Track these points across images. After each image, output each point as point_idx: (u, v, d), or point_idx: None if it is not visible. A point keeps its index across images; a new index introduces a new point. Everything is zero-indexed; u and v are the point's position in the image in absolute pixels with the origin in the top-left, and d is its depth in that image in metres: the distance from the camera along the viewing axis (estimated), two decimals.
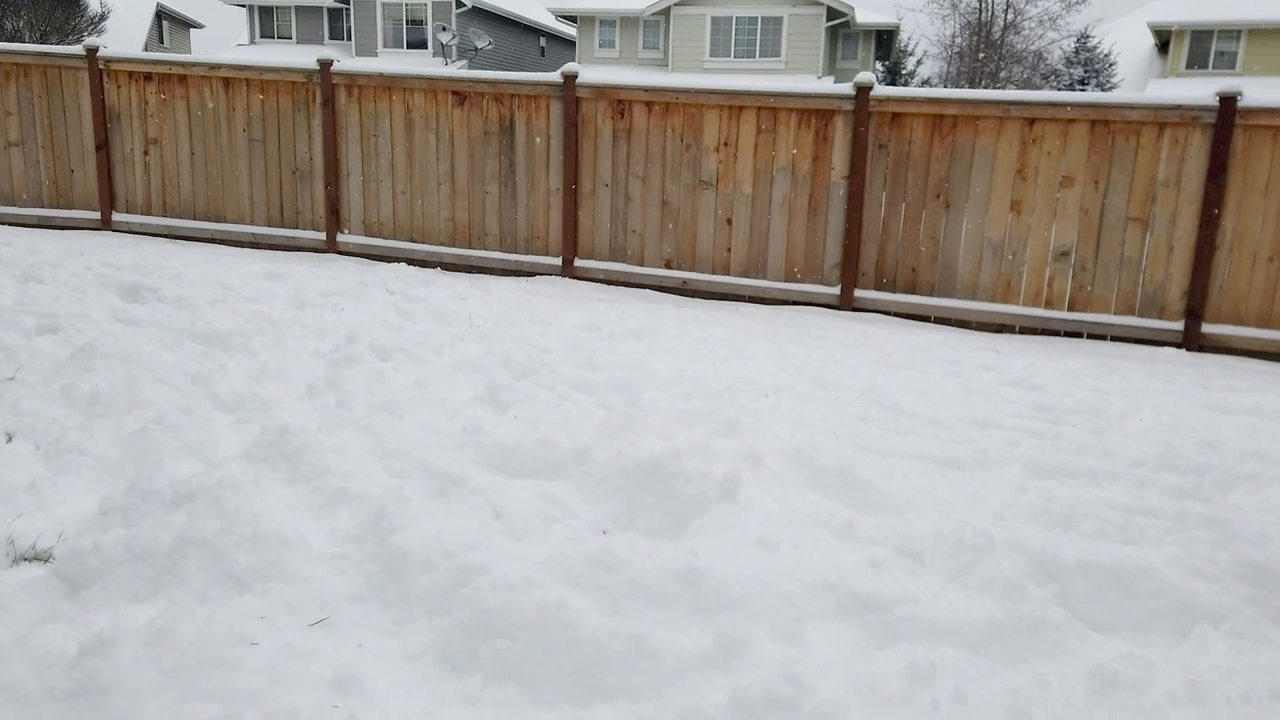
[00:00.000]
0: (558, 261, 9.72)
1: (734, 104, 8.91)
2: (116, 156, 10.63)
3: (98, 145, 10.56)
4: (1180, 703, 2.00)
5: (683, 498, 2.95)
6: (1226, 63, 28.80)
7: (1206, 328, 7.91)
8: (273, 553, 2.47)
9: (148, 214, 10.70)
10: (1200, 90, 8.14)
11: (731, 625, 2.18)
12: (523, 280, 9.47)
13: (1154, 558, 2.67)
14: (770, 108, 8.80)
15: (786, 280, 8.72)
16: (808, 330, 7.31)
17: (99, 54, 10.41)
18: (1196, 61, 29.37)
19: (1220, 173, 7.69)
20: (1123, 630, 2.45)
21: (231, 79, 10.27)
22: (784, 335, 6.96)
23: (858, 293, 8.51)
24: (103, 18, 32.55)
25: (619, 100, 9.30)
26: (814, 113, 8.65)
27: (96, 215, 10.73)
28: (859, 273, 8.54)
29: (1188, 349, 7.88)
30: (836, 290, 8.54)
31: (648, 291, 9.30)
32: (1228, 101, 7.60)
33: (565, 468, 3.18)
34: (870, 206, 8.54)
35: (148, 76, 10.42)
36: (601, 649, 2.11)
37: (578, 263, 9.62)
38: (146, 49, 34.21)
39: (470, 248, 10.02)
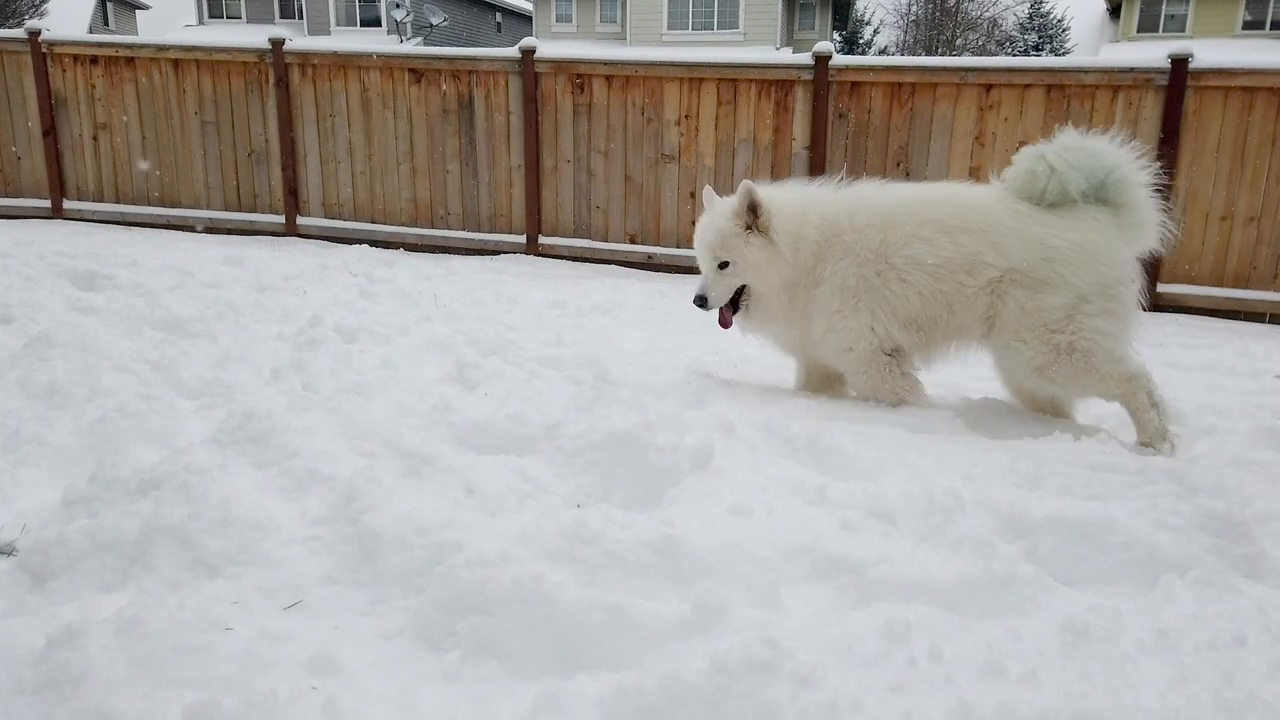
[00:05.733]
0: (522, 239, 9.66)
1: (694, 76, 8.88)
2: (65, 142, 10.37)
3: (44, 131, 10.30)
4: (1149, 651, 2.04)
5: (656, 469, 2.95)
6: (1177, 25, 29.16)
7: (1162, 287, 8.05)
8: (243, 537, 2.44)
9: (100, 201, 10.47)
10: (1152, 53, 8.23)
11: (709, 592, 2.18)
12: (487, 259, 9.40)
13: (1118, 512, 2.72)
14: (730, 79, 8.77)
15: None
16: None
17: (41, 37, 10.14)
18: (1147, 25, 29.71)
19: (1173, 134, 7.81)
20: (1091, 583, 2.50)
21: (181, 60, 10.05)
22: None
23: None
24: (44, 0, 31.63)
25: (579, 75, 9.22)
26: (774, 83, 8.64)
27: (46, 203, 10.48)
28: None
29: (1144, 309, 8.02)
30: None
31: (613, 267, 9.28)
32: (1179, 64, 7.71)
33: (537, 443, 3.16)
34: (832, 176, 8.57)
35: (94, 59, 10.16)
36: (580, 620, 2.11)
37: (542, 240, 9.56)
38: (91, 32, 33.29)
39: (433, 227, 9.92)
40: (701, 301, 4.15)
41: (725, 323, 4.27)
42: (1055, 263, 3.78)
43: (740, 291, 4.18)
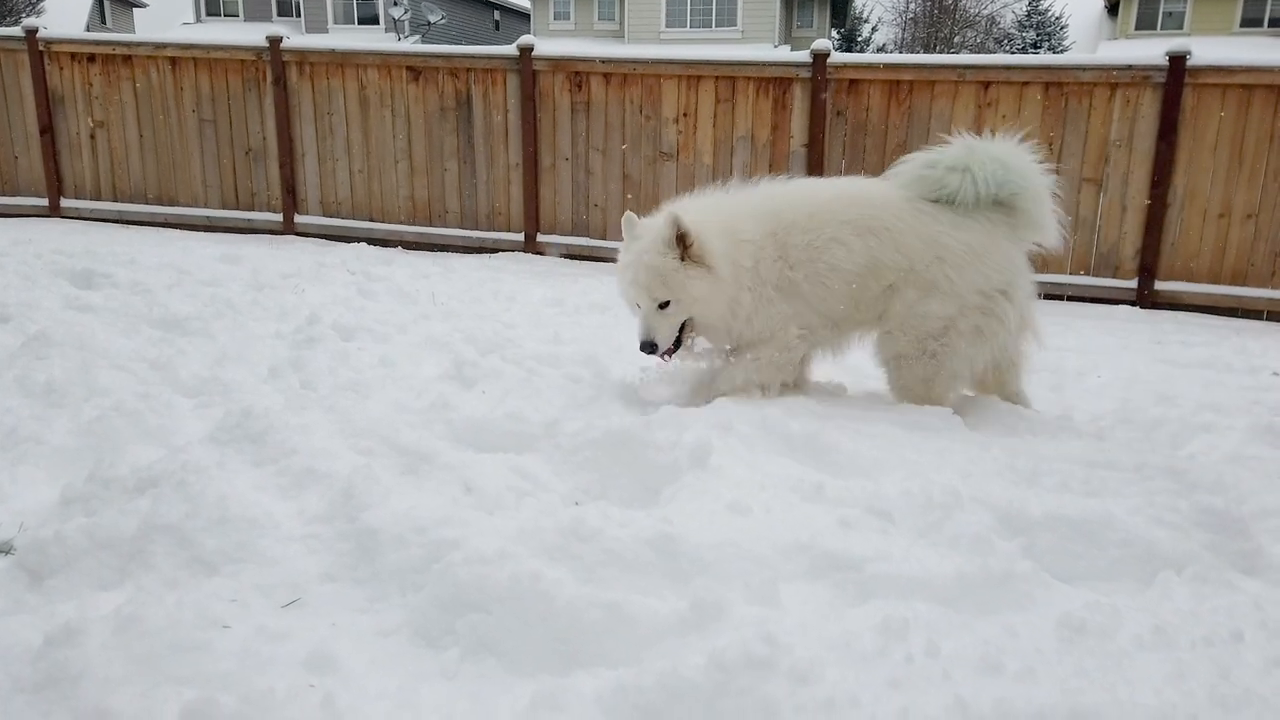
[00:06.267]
0: (520, 237, 9.65)
1: (692, 74, 8.88)
2: (62, 141, 10.36)
3: (41, 129, 10.28)
4: (1146, 647, 2.04)
5: (654, 466, 2.95)
6: (1174, 23, 29.17)
7: (1160, 285, 8.06)
8: (241, 535, 2.44)
9: (97, 199, 10.46)
10: (1150, 50, 8.24)
11: (707, 589, 2.19)
12: (485, 257, 9.40)
13: (1116, 508, 2.72)
14: (728, 77, 8.77)
15: None
16: None
17: (39, 35, 10.12)
18: (1145, 23, 29.71)
19: (1171, 132, 7.81)
20: (1088, 579, 2.50)
21: (179, 58, 10.03)
22: None
23: None
24: None
25: (576, 72, 9.21)
26: (772, 81, 8.63)
27: (44, 202, 10.46)
28: None
29: (1142, 306, 8.03)
30: None
31: (612, 265, 9.28)
32: (1177, 61, 7.71)
33: (535, 441, 3.17)
34: (829, 174, 8.56)
35: (91, 58, 10.15)
36: (578, 618, 2.11)
37: (540, 238, 9.56)
38: (88, 30, 33.23)
39: (431, 225, 9.91)
40: (651, 348, 3.82)
41: (665, 361, 3.97)
42: (946, 264, 3.82)
43: (682, 325, 3.91)
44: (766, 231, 3.88)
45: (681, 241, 3.72)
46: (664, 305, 3.79)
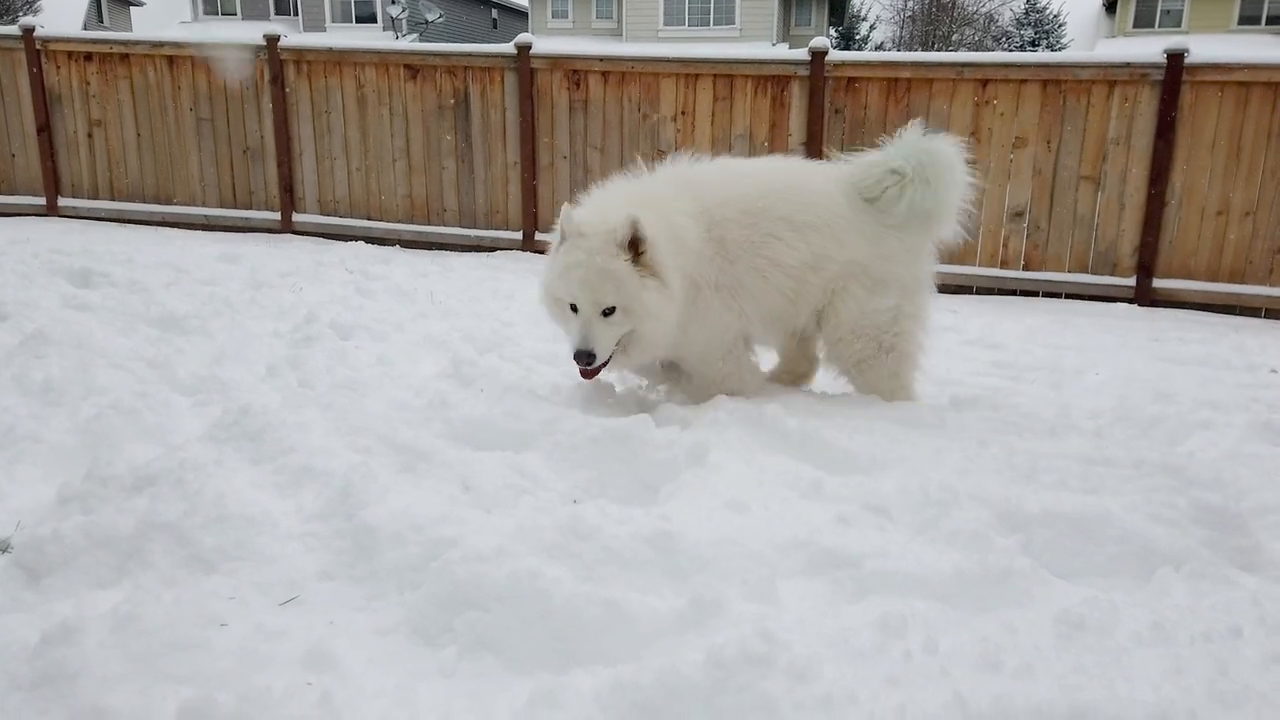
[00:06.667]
0: (518, 236, 9.65)
1: (690, 72, 8.87)
2: (59, 140, 10.34)
3: (39, 128, 10.27)
4: (1145, 643, 2.04)
5: (652, 464, 2.95)
6: (1172, 21, 29.18)
7: (1158, 282, 8.06)
8: (239, 533, 2.44)
9: (95, 198, 10.44)
10: (1148, 48, 8.24)
11: (705, 586, 2.19)
12: (483, 256, 9.39)
13: (1114, 505, 2.72)
14: (726, 75, 8.76)
15: None
16: None
17: (36, 34, 10.10)
18: (1143, 20, 29.73)
19: (1169, 130, 7.81)
20: (1086, 576, 2.50)
21: (176, 57, 10.02)
22: None
23: None
24: None
25: (574, 70, 9.21)
26: (770, 79, 8.63)
27: (41, 201, 10.45)
28: None
29: (1140, 304, 8.03)
30: None
31: None
32: (1175, 59, 7.71)
33: (533, 439, 3.16)
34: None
35: (88, 56, 10.13)
36: (577, 615, 2.11)
37: (539, 236, 9.55)
38: (85, 29, 33.19)
39: (429, 224, 9.90)
40: (589, 358, 3.45)
41: (589, 376, 3.60)
42: (891, 261, 3.83)
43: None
44: (704, 229, 3.69)
45: (634, 246, 3.42)
46: (608, 312, 3.46)
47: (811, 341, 4.16)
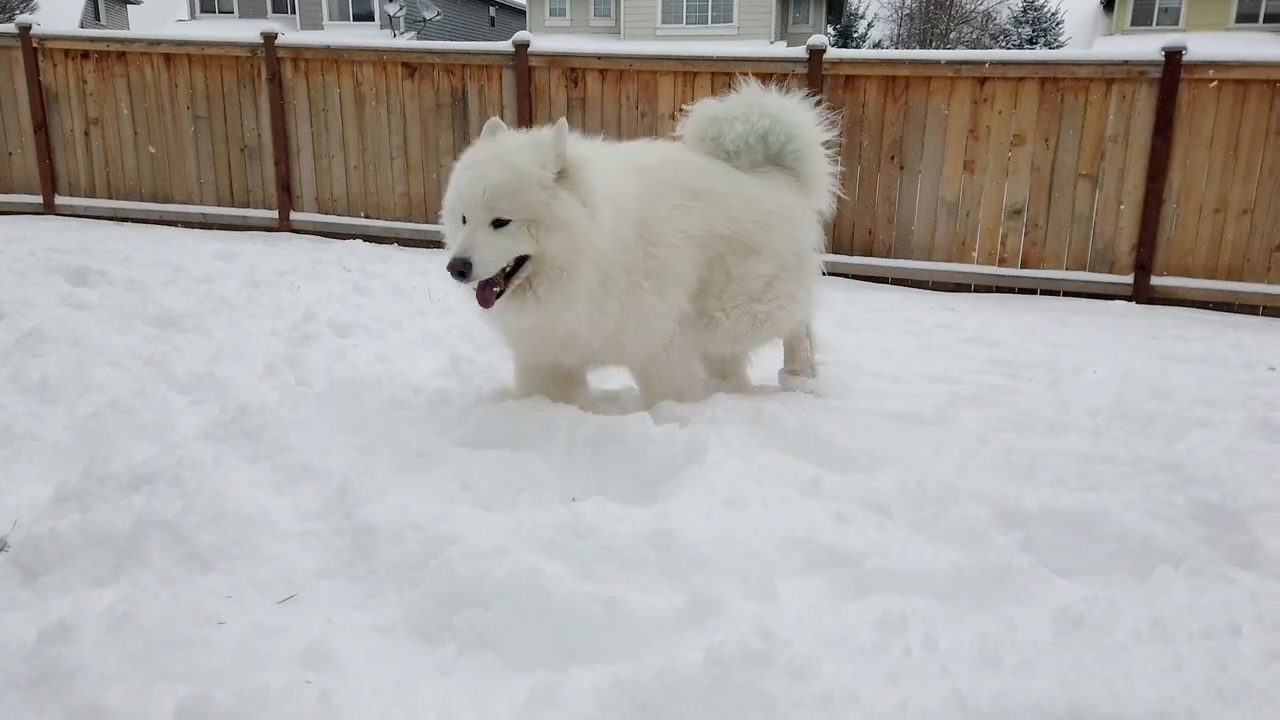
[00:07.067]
0: None
1: (688, 70, 8.86)
2: (56, 138, 10.31)
3: (36, 127, 10.24)
4: (1144, 640, 2.04)
5: (651, 462, 2.95)
6: (1170, 19, 29.17)
7: (1155, 280, 8.06)
8: (237, 531, 2.44)
9: (92, 196, 10.41)
10: (1146, 46, 8.23)
11: (704, 584, 2.18)
12: None
13: (1112, 502, 2.72)
14: (724, 73, 8.74)
15: None
16: None
17: (32, 32, 10.07)
18: (1141, 18, 29.72)
19: (1167, 127, 7.80)
20: (1085, 573, 2.50)
21: (173, 55, 9.99)
22: None
23: None
24: None
25: (572, 68, 9.19)
26: (767, 77, 8.57)
27: (38, 199, 10.42)
28: None
29: (1138, 301, 8.03)
30: None
31: None
32: (1173, 56, 7.70)
33: (532, 437, 3.16)
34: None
35: (85, 54, 10.10)
36: (576, 613, 2.11)
37: None
38: (82, 27, 33.12)
39: (427, 222, 9.87)
40: (463, 269, 2.94)
41: (487, 302, 3.09)
42: (768, 229, 3.62)
43: (519, 264, 3.08)
44: (647, 184, 3.43)
45: (561, 171, 3.05)
46: (499, 225, 2.99)
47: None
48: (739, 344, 3.82)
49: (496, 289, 3.06)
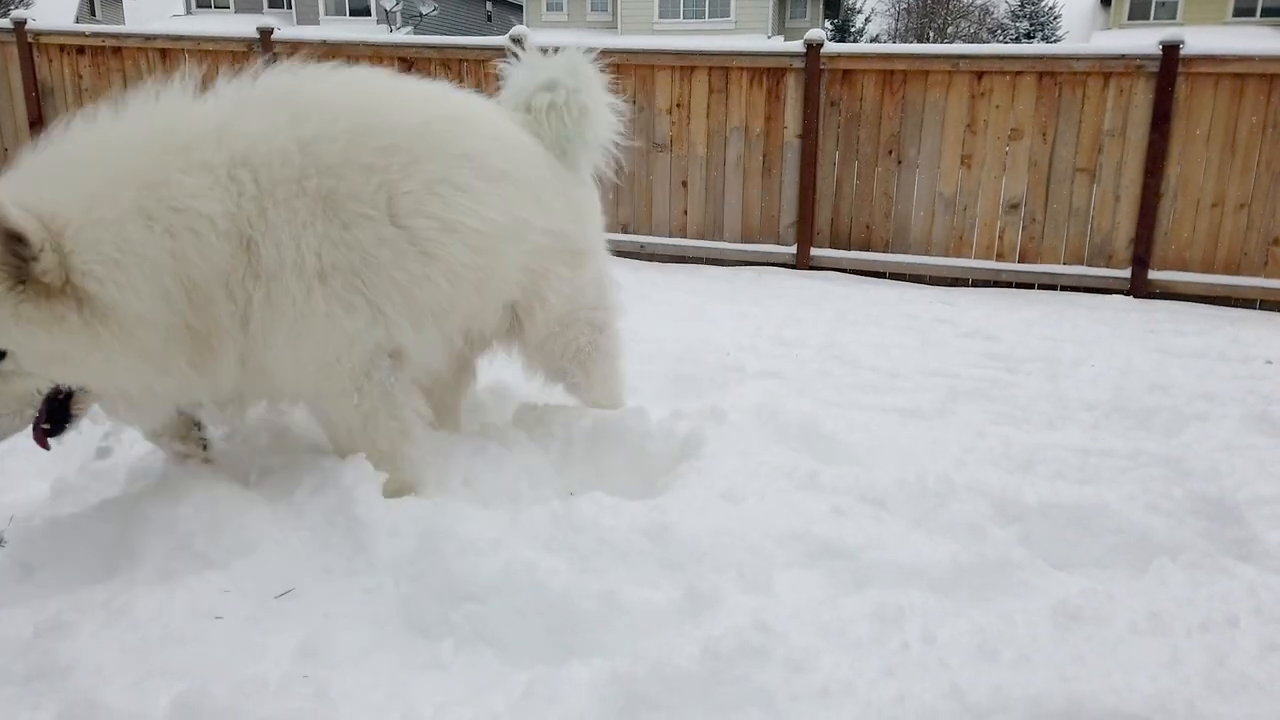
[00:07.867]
0: None
1: (685, 64, 8.84)
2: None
3: (32, 122, 10.21)
4: (1142, 633, 2.05)
5: (648, 456, 2.95)
6: (1168, 13, 29.15)
7: (1153, 274, 8.05)
8: (233, 526, 2.43)
9: None
10: (1143, 40, 8.22)
11: (701, 578, 2.18)
12: None
13: (1111, 496, 2.72)
14: (722, 67, 8.73)
15: (743, 241, 8.73)
16: (766, 290, 7.34)
17: (27, 27, 10.04)
18: (1139, 13, 29.70)
19: (1164, 121, 7.79)
20: (1084, 567, 2.50)
21: (169, 50, 9.97)
22: (743, 295, 6.97)
23: (814, 251, 8.52)
24: None
25: None
26: (765, 71, 8.60)
27: None
28: (814, 231, 8.55)
29: (1135, 296, 8.03)
30: (793, 249, 8.55)
31: (613, 261, 9.25)
32: (1170, 50, 7.69)
33: (529, 431, 3.15)
34: (824, 165, 8.54)
35: (80, 49, 10.07)
36: (573, 607, 2.10)
37: None
38: (77, 21, 33.00)
39: None
40: None
41: (43, 443, 2.31)
42: (587, 223, 2.98)
43: (69, 399, 2.27)
44: (276, 182, 2.43)
45: (17, 242, 2.07)
46: None
47: (472, 354, 3.08)
48: (584, 364, 3.15)
49: (45, 426, 2.27)
